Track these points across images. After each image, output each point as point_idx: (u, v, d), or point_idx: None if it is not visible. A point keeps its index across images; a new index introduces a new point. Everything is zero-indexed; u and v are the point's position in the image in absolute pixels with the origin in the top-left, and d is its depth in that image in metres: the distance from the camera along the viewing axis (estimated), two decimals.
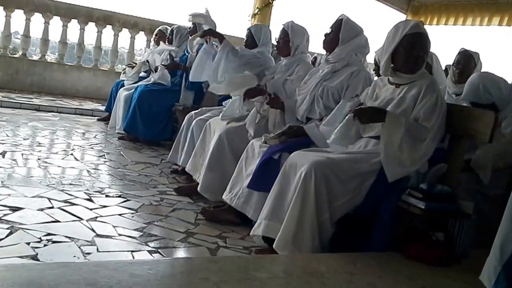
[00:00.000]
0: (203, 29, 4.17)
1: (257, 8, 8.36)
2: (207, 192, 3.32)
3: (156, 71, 5.35)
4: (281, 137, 2.88)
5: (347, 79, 2.92)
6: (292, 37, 3.38)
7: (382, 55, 2.57)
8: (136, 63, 6.28)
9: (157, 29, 6.27)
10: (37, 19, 7.63)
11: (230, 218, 2.97)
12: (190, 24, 4.93)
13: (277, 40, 3.51)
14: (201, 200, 3.34)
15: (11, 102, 6.29)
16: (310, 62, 4.06)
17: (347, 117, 2.45)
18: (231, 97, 3.67)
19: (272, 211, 2.50)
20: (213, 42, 4.02)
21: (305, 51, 3.56)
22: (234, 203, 2.92)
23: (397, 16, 9.65)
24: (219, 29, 4.21)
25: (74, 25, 7.88)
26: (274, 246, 2.38)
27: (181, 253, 2.52)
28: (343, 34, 2.91)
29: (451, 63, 3.69)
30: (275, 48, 3.70)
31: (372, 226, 2.36)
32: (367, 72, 3.04)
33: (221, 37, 3.85)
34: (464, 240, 2.34)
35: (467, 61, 3.49)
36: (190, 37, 4.47)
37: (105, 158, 4.30)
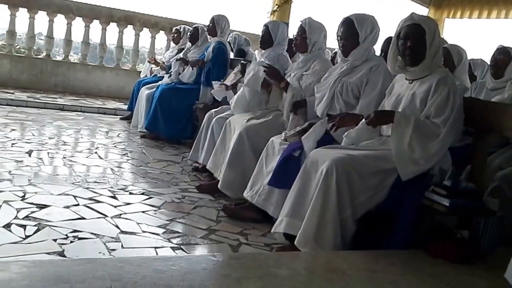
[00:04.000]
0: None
1: (276, 5, 8.32)
2: (228, 190, 3.34)
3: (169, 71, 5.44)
4: (301, 134, 2.88)
5: (366, 74, 2.87)
6: (309, 34, 3.36)
7: (389, 52, 2.57)
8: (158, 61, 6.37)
9: (174, 28, 6.33)
10: (60, 20, 7.76)
11: (251, 215, 2.99)
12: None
13: (294, 36, 3.50)
14: (222, 198, 3.36)
15: (37, 102, 6.42)
16: (330, 58, 4.04)
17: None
18: None
19: (293, 208, 2.51)
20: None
21: (323, 47, 3.54)
22: (255, 201, 2.94)
23: (419, 11, 9.52)
24: (237, 26, 4.24)
25: (96, 25, 7.99)
26: (295, 243, 2.38)
27: (203, 249, 2.55)
28: (362, 33, 2.85)
29: (476, 58, 3.64)
30: (293, 45, 3.69)
31: (395, 224, 2.34)
32: (387, 67, 2.99)
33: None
34: (489, 238, 2.30)
35: (504, 56, 3.43)
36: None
37: (128, 156, 4.36)
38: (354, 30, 2.85)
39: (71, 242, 2.35)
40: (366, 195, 2.32)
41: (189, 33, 5.65)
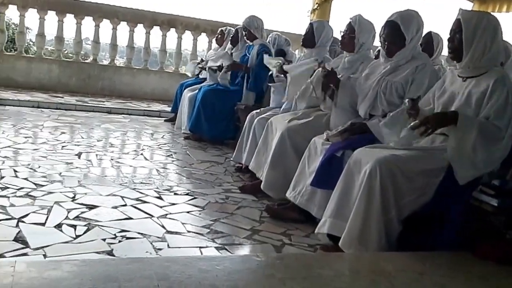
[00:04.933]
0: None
1: (317, 3, 8.25)
2: (271, 190, 3.35)
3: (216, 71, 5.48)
4: (344, 134, 2.85)
5: (411, 73, 2.79)
6: (358, 34, 3.26)
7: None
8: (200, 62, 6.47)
9: (219, 29, 6.40)
10: (106, 25, 8.00)
11: (294, 216, 2.99)
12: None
13: (342, 34, 3.42)
14: (265, 198, 3.38)
15: (85, 105, 6.64)
16: (374, 56, 3.95)
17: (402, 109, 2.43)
18: None
19: (337, 209, 2.49)
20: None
21: (370, 48, 3.47)
22: (298, 201, 2.93)
23: (464, 6, 9.21)
24: (277, 26, 4.22)
25: (140, 29, 8.18)
26: (339, 244, 2.37)
27: (247, 250, 2.57)
28: (408, 36, 2.76)
29: None
30: (339, 43, 3.64)
31: (442, 224, 2.29)
32: (433, 66, 2.92)
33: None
34: None
35: None
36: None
37: (172, 158, 4.45)
38: (400, 32, 2.76)
39: (119, 241, 2.42)
40: (411, 196, 2.28)
41: (232, 36, 5.70)
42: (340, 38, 3.48)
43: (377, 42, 3.14)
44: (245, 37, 5.22)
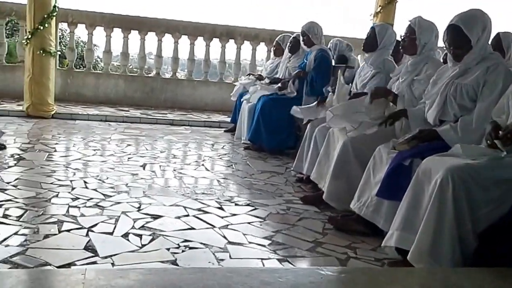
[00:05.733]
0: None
1: (380, 6, 8.07)
2: (334, 201, 3.27)
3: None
4: (411, 141, 2.72)
5: (483, 74, 2.60)
6: (419, 35, 3.15)
7: None
8: (256, 74, 6.49)
9: (275, 41, 6.38)
10: (168, 40, 8.25)
11: (359, 228, 2.89)
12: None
13: (402, 37, 3.30)
14: (328, 209, 3.30)
15: (149, 118, 6.85)
16: (441, 59, 3.78)
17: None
18: None
19: (405, 221, 2.38)
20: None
21: (434, 48, 3.32)
22: (363, 212, 2.83)
23: None
24: (337, 32, 4.16)
25: (200, 42, 8.36)
26: (408, 258, 2.25)
27: (310, 262, 2.51)
28: (473, 38, 2.60)
29: None
30: (400, 47, 3.52)
31: None
32: (507, 66, 2.73)
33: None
34: None
35: None
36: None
37: (233, 168, 4.47)
38: (464, 36, 2.60)
39: (183, 251, 2.44)
40: (488, 207, 2.13)
41: (289, 43, 5.65)
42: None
43: (441, 43, 3.01)
44: (302, 43, 5.16)
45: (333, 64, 5.11)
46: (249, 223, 2.97)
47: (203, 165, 4.49)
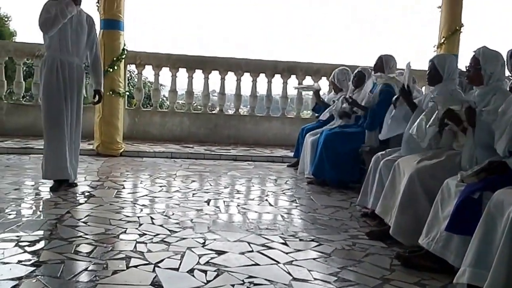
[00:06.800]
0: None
1: (443, 37, 7.91)
2: (401, 236, 3.17)
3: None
4: (480, 174, 2.61)
5: None
6: (484, 65, 3.07)
7: None
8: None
9: (329, 81, 6.41)
10: (230, 77, 8.49)
11: (428, 264, 2.77)
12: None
13: (467, 68, 3.24)
14: (395, 244, 3.20)
15: (213, 154, 7.01)
16: (509, 89, 3.63)
17: None
18: None
19: (477, 257, 2.26)
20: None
21: (502, 78, 3.21)
22: (432, 248, 2.72)
23: None
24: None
25: (262, 78, 8.53)
26: None
27: None
28: None
29: None
30: (465, 78, 3.42)
31: None
32: None
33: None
34: None
35: None
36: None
37: (296, 203, 4.45)
38: None
39: (247, 287, 2.44)
40: None
41: (353, 77, 5.64)
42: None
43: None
44: (372, 70, 5.11)
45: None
46: (314, 259, 2.94)
47: (266, 200, 4.51)
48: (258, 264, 2.78)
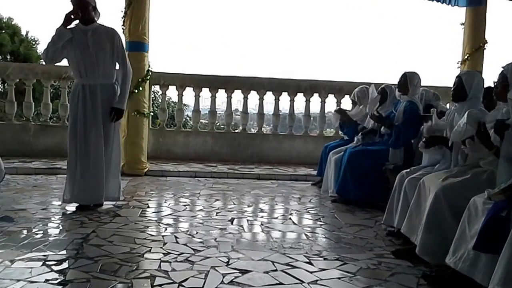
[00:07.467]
0: None
1: (467, 53, 7.84)
2: (427, 255, 3.12)
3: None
4: (507, 191, 2.56)
5: None
6: None
7: None
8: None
9: (351, 99, 6.44)
10: (253, 96, 8.55)
11: (456, 284, 2.71)
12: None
13: (495, 84, 3.19)
14: (421, 264, 3.15)
15: (236, 173, 7.03)
16: None
17: None
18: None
19: (506, 275, 2.21)
20: None
21: None
22: (459, 267, 2.67)
23: None
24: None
25: (284, 97, 8.57)
26: None
27: None
28: None
29: None
30: (493, 94, 3.38)
31: None
32: None
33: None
34: None
35: None
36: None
37: (320, 221, 4.42)
38: None
39: None
40: None
41: (377, 93, 5.63)
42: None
43: None
44: (396, 88, 5.08)
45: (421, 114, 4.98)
46: (339, 278, 2.91)
47: (290, 218, 4.50)
48: (283, 283, 2.76)
